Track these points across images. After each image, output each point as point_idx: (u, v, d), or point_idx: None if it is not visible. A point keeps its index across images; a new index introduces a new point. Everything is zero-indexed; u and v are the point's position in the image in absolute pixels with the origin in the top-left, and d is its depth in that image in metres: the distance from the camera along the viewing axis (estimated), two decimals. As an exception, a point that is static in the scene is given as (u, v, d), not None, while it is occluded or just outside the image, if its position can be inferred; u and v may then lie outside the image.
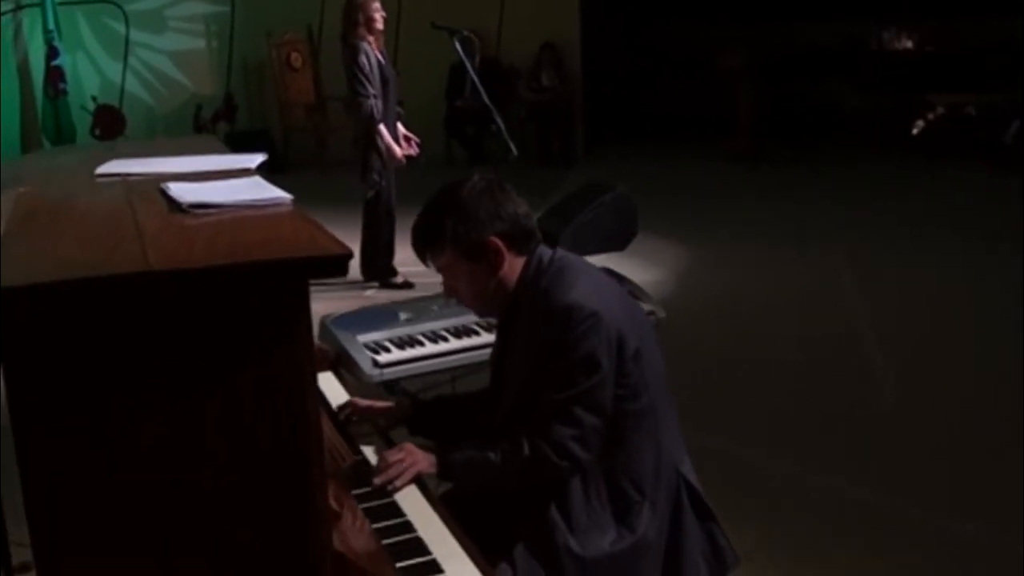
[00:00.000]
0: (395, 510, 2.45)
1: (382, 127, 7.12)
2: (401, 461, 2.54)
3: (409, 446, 2.61)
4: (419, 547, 2.30)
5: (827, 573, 3.79)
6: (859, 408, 5.22)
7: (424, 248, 2.63)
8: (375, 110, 7.08)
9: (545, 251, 2.65)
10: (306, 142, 12.22)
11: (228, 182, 2.35)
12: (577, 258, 2.70)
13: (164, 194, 2.22)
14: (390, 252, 7.50)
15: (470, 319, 3.65)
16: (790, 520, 4.14)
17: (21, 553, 3.33)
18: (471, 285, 2.63)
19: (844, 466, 4.57)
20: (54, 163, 2.98)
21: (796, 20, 13.06)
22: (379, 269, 7.46)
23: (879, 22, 13.19)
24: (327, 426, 2.63)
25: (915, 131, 11.69)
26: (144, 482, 1.70)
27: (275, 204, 2.11)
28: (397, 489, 2.49)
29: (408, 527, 2.39)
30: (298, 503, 1.78)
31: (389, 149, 7.14)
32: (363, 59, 7.06)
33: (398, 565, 2.17)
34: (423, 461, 2.55)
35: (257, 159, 2.65)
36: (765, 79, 11.80)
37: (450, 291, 2.71)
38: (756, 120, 11.77)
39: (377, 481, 2.50)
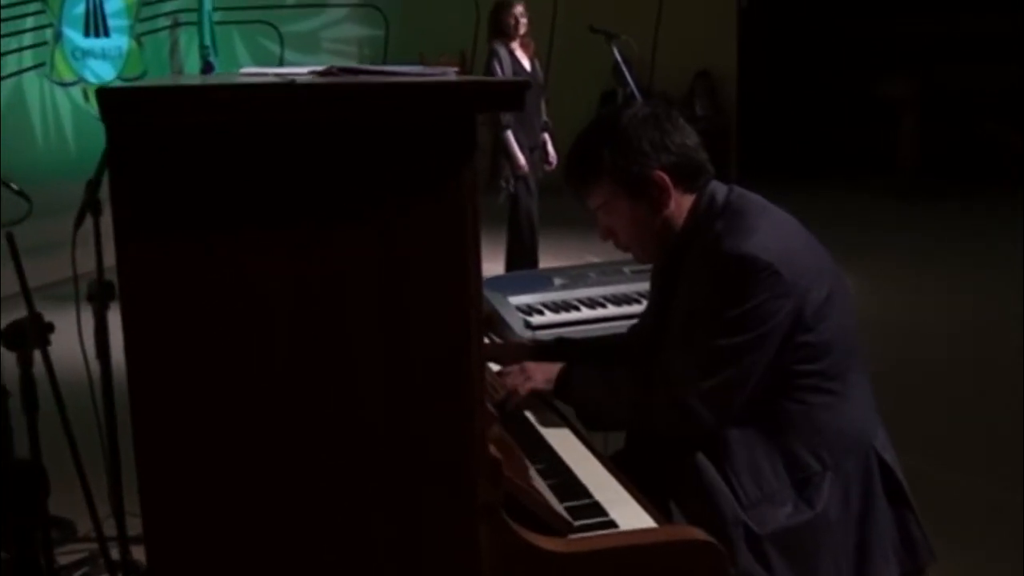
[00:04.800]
0: (552, 455, 2.19)
1: (508, 133, 6.97)
2: (513, 381, 2.41)
3: (526, 364, 2.46)
4: (580, 490, 2.02)
5: None
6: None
7: (578, 181, 2.36)
8: (501, 115, 6.92)
9: (719, 188, 2.34)
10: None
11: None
12: (757, 199, 2.36)
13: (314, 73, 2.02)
14: (533, 259, 7.30)
15: (630, 287, 3.39)
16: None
17: (137, 525, 3.19)
18: (631, 225, 2.35)
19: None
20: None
21: (960, 60, 12.51)
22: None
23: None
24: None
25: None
26: (264, 335, 1.44)
27: (438, 72, 1.87)
28: (511, 408, 2.36)
29: (567, 470, 2.12)
30: (451, 383, 1.49)
31: (513, 156, 6.97)
32: (494, 63, 6.97)
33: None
34: (538, 375, 2.41)
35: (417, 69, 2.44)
36: (929, 112, 11.28)
37: (606, 232, 2.42)
38: (918, 154, 11.25)
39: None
